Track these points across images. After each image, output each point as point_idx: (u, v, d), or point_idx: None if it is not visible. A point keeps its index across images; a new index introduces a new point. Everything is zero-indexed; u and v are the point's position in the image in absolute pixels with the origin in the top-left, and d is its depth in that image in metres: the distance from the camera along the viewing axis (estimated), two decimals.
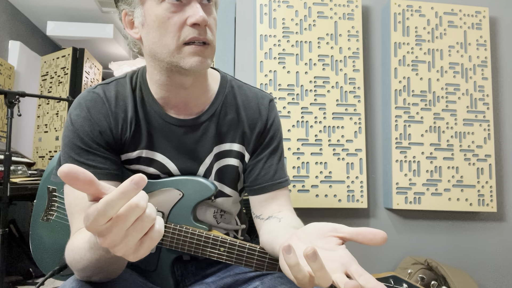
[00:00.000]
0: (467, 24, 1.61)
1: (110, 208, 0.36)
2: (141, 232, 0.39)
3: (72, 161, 0.67)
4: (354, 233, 0.47)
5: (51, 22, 4.20)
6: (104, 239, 0.38)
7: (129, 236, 0.38)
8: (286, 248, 0.44)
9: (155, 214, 0.40)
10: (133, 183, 0.36)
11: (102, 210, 0.36)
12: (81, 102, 0.70)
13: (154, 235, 0.40)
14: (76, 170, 0.35)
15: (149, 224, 0.39)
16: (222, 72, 0.82)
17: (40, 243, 0.89)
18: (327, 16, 1.55)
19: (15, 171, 2.03)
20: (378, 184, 1.60)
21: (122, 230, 0.38)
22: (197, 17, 0.61)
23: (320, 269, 0.42)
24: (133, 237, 0.39)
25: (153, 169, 0.75)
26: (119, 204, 0.36)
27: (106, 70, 5.04)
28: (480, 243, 1.61)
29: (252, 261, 0.68)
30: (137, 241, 0.39)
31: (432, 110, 1.57)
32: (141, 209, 0.38)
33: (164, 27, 0.62)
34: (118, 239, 0.38)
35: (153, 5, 0.63)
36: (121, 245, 0.39)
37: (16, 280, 2.06)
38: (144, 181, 0.37)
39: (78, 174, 0.35)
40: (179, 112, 0.74)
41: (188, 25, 0.62)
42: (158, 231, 0.40)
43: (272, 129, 0.80)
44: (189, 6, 0.62)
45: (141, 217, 0.38)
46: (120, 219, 0.37)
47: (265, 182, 0.78)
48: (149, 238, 0.39)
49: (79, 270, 0.58)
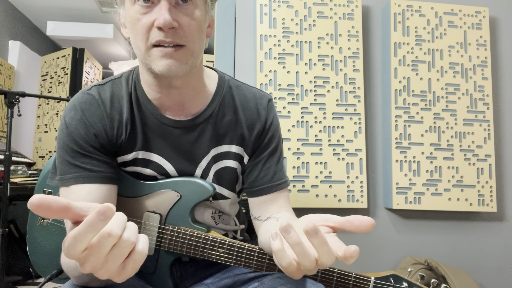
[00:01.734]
0: (467, 24, 1.61)
1: (79, 242, 0.35)
2: (120, 258, 0.38)
3: (67, 164, 0.66)
4: (343, 222, 0.47)
5: (51, 22, 4.20)
6: (83, 267, 0.38)
7: (109, 262, 0.37)
8: (273, 234, 0.45)
9: (134, 237, 0.38)
10: (100, 215, 0.35)
11: (71, 243, 0.35)
12: (75, 104, 0.69)
13: (136, 257, 0.38)
14: (47, 200, 0.34)
15: (128, 249, 0.38)
16: (220, 72, 0.80)
17: (37, 246, 0.89)
18: (327, 16, 1.55)
19: (15, 171, 2.03)
20: (378, 184, 1.60)
21: (100, 257, 0.37)
22: (159, 20, 0.58)
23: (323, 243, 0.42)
24: (113, 263, 0.38)
25: (150, 170, 0.74)
26: (87, 237, 0.35)
27: (106, 70, 5.04)
28: (480, 243, 1.60)
29: (251, 261, 0.68)
30: (119, 265, 0.38)
31: (432, 110, 1.56)
32: (114, 237, 0.36)
33: (135, 28, 0.61)
34: (98, 265, 0.37)
35: (129, 6, 0.62)
36: (102, 271, 0.38)
37: (16, 280, 2.06)
38: (111, 211, 0.36)
39: (50, 203, 0.34)
40: (175, 113, 0.73)
41: (155, 27, 0.60)
42: (140, 253, 0.38)
43: (271, 129, 0.79)
44: (158, 6, 0.60)
45: (118, 244, 0.37)
46: (94, 249, 0.36)
47: (264, 184, 0.77)
48: (132, 261, 0.38)
49: (75, 277, 0.58)
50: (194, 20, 0.63)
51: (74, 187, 0.65)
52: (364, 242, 1.56)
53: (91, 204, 0.39)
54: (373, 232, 1.57)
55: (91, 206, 0.38)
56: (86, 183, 0.65)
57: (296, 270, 0.46)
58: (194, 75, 0.71)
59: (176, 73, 0.62)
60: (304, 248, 0.43)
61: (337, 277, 0.66)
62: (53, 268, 0.86)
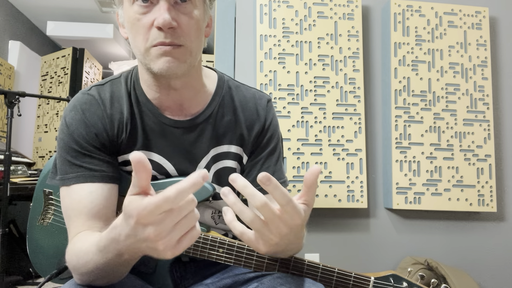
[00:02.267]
0: (467, 24, 1.61)
1: (181, 196, 0.38)
2: (186, 228, 0.41)
3: (68, 164, 0.66)
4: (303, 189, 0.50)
5: (51, 22, 4.20)
6: (153, 230, 0.39)
7: (176, 231, 0.40)
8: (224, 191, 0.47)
9: (198, 215, 0.43)
10: (201, 177, 0.38)
11: (173, 197, 0.37)
12: (75, 105, 0.69)
13: (194, 234, 0.42)
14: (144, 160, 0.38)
15: (194, 222, 0.42)
16: (219, 73, 0.80)
17: (37, 246, 0.89)
18: (327, 16, 1.55)
19: (15, 171, 2.03)
20: (378, 184, 1.60)
21: (173, 223, 0.40)
22: (159, 20, 0.58)
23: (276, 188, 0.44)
24: (179, 232, 0.41)
25: None
26: (187, 193, 0.38)
27: (106, 70, 5.05)
28: (480, 243, 1.60)
29: (251, 261, 0.68)
30: (179, 237, 0.41)
31: (432, 110, 1.56)
32: (194, 205, 0.40)
33: (135, 28, 0.61)
34: (165, 231, 0.40)
35: (128, 6, 0.62)
36: (166, 239, 0.40)
37: (16, 280, 2.06)
38: (207, 175, 0.40)
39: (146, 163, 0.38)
40: (174, 113, 0.73)
41: (154, 27, 0.59)
42: (198, 231, 0.43)
43: (270, 130, 0.79)
44: (157, 6, 0.59)
45: (190, 214, 0.41)
46: (176, 211, 0.39)
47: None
48: (189, 237, 0.42)
49: (83, 274, 0.57)
50: (193, 20, 0.63)
51: (75, 186, 0.65)
52: (364, 242, 1.56)
53: None
54: (373, 232, 1.57)
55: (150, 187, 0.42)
56: (88, 183, 0.65)
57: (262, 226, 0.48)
58: (193, 75, 0.71)
59: (175, 71, 0.62)
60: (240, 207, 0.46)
61: (337, 277, 0.66)
62: (53, 268, 0.86)
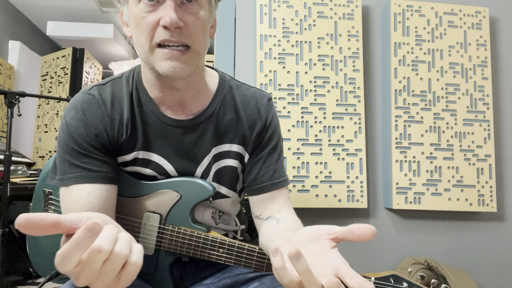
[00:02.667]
0: (467, 24, 1.61)
1: (67, 260, 0.34)
2: (114, 271, 0.37)
3: (67, 164, 0.66)
4: (344, 232, 0.46)
5: (51, 22, 4.20)
6: (77, 281, 0.37)
7: (103, 276, 0.37)
8: (273, 250, 0.43)
9: (127, 249, 0.38)
10: (87, 231, 0.34)
11: (61, 261, 0.35)
12: (76, 104, 0.69)
13: (130, 269, 0.38)
14: (33, 219, 0.34)
15: (120, 263, 0.37)
16: (220, 72, 0.81)
17: (37, 246, 0.89)
18: (327, 16, 1.55)
19: (15, 171, 2.03)
20: (378, 184, 1.60)
21: (93, 272, 0.36)
22: (165, 19, 0.58)
23: (305, 271, 0.40)
24: (107, 276, 0.37)
25: (150, 170, 0.74)
26: (76, 254, 0.35)
27: (106, 70, 5.05)
28: (480, 243, 1.60)
29: (251, 262, 0.68)
30: (114, 277, 0.38)
31: (432, 110, 1.56)
32: (104, 253, 0.36)
33: (139, 27, 0.61)
34: (92, 279, 0.37)
35: (133, 4, 0.62)
36: (97, 284, 0.38)
37: (16, 280, 2.06)
38: (99, 226, 0.35)
39: (37, 222, 0.34)
40: (176, 113, 0.73)
41: (160, 26, 0.59)
42: (134, 265, 0.38)
43: (270, 128, 0.79)
44: (163, 5, 0.59)
45: (109, 258, 0.36)
46: (86, 265, 0.36)
47: (264, 182, 0.77)
48: (126, 273, 0.38)
49: None
50: (199, 20, 0.62)
51: (74, 187, 0.65)
52: (364, 242, 1.56)
53: (83, 214, 0.38)
54: None
55: (83, 217, 0.37)
56: (86, 183, 0.65)
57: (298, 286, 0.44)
58: (196, 75, 0.71)
59: (181, 74, 0.62)
60: (312, 276, 0.41)
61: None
62: (53, 268, 0.86)
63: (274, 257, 0.43)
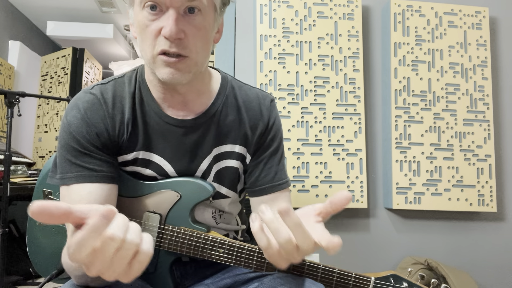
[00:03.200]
0: (467, 24, 1.61)
1: (83, 247, 0.35)
2: (125, 259, 0.38)
3: (68, 163, 0.66)
4: (325, 206, 0.52)
5: (51, 22, 4.20)
6: (89, 270, 0.38)
7: (115, 264, 0.37)
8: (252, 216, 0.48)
9: (138, 238, 0.38)
10: (102, 218, 0.35)
11: (76, 249, 0.35)
12: (77, 103, 0.69)
13: (142, 258, 0.38)
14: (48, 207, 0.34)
15: (132, 251, 0.38)
16: (222, 72, 0.81)
17: (37, 246, 0.89)
18: (327, 16, 1.55)
19: (15, 171, 2.03)
20: (378, 184, 1.60)
21: (106, 261, 0.37)
22: (166, 30, 0.58)
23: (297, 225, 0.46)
24: (119, 264, 0.38)
25: (150, 171, 0.74)
26: (91, 242, 0.35)
27: (106, 70, 5.05)
28: (480, 243, 1.61)
29: (251, 262, 0.67)
30: (125, 266, 0.38)
31: (432, 110, 1.56)
32: (117, 241, 0.36)
33: (143, 33, 0.62)
34: (103, 268, 0.37)
35: (138, 10, 0.62)
36: (109, 273, 0.38)
37: (16, 280, 2.06)
38: (113, 213, 0.36)
39: (52, 210, 0.34)
40: (178, 112, 0.73)
41: (162, 35, 0.60)
42: (145, 253, 0.39)
43: (273, 129, 0.79)
44: (166, 14, 0.60)
45: (122, 247, 0.37)
46: (99, 253, 0.36)
47: (265, 184, 0.77)
48: (137, 262, 0.38)
49: (76, 276, 0.58)
50: (201, 31, 0.63)
51: (74, 186, 0.65)
52: (364, 242, 1.56)
53: (91, 206, 0.39)
54: (373, 232, 1.57)
55: (92, 209, 0.38)
56: (87, 183, 0.65)
57: (276, 253, 0.49)
58: (198, 79, 0.71)
59: (179, 81, 0.63)
60: (277, 225, 0.47)
61: (337, 277, 0.66)
62: (53, 268, 0.86)
63: (252, 222, 0.48)
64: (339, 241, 0.46)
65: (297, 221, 0.46)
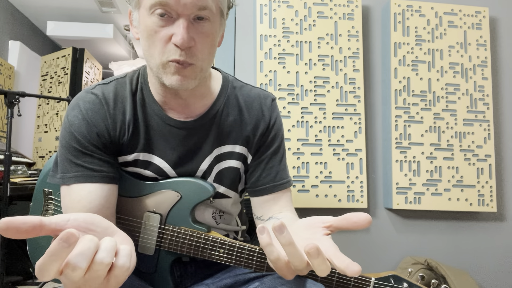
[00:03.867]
0: (467, 24, 1.61)
1: (46, 271, 0.33)
2: (99, 278, 0.36)
3: (69, 162, 0.66)
4: (340, 220, 0.46)
5: (51, 22, 4.20)
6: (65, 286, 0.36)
7: (89, 282, 0.36)
8: (260, 228, 0.44)
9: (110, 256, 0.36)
10: (62, 242, 0.32)
11: (39, 273, 0.33)
12: (79, 103, 0.69)
13: (117, 272, 0.37)
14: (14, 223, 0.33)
15: (104, 271, 0.36)
16: (223, 73, 0.80)
17: (37, 246, 0.89)
18: (327, 16, 1.55)
19: (15, 171, 2.03)
20: (378, 184, 1.60)
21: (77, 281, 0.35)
22: (178, 38, 0.58)
23: (289, 243, 0.42)
24: (94, 282, 0.36)
25: (150, 172, 0.74)
26: (53, 266, 0.33)
27: (106, 70, 5.05)
28: (480, 243, 1.61)
29: (251, 262, 0.67)
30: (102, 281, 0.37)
31: (432, 110, 1.56)
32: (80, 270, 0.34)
33: (152, 39, 0.61)
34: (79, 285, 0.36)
35: (145, 14, 0.61)
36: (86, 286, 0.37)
37: (16, 280, 2.06)
38: (74, 237, 0.33)
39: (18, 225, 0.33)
40: (180, 114, 0.73)
41: (172, 43, 0.60)
42: (121, 268, 0.37)
43: (274, 129, 0.79)
44: (176, 22, 0.59)
45: (90, 268, 0.35)
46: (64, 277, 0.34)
47: (266, 184, 0.77)
48: (114, 277, 0.37)
49: None
50: (209, 37, 0.63)
51: (75, 186, 0.65)
52: (364, 242, 1.56)
53: (70, 216, 0.37)
54: (373, 232, 1.57)
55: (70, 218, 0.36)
56: (88, 183, 0.65)
57: (285, 266, 0.47)
58: (201, 84, 0.71)
59: (186, 87, 0.64)
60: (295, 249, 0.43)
61: (337, 277, 0.66)
62: None
63: (261, 234, 0.44)
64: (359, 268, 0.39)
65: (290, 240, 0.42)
